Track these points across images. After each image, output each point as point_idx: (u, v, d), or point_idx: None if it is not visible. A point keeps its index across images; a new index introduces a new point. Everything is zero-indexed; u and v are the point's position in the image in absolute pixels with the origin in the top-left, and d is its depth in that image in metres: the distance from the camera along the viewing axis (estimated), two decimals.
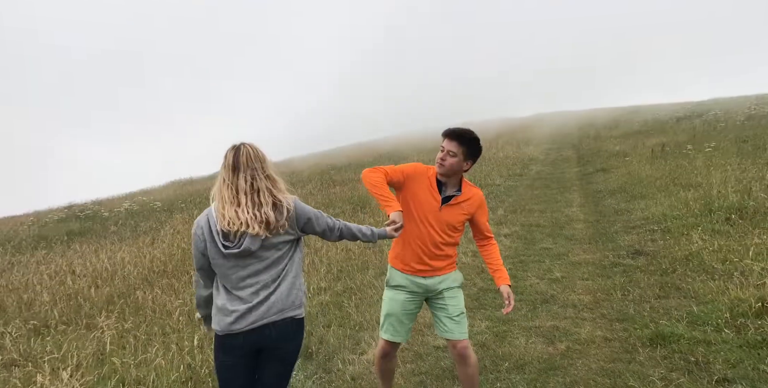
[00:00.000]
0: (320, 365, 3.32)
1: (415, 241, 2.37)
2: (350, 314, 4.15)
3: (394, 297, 2.47)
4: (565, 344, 3.35)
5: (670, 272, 4.50)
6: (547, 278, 4.72)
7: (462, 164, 2.33)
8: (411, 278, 2.43)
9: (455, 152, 2.29)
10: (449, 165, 2.31)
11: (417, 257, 2.39)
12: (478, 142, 2.34)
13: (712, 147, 11.27)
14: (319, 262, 5.84)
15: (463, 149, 2.30)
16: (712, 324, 3.34)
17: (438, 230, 2.36)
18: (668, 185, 8.24)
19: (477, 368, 2.47)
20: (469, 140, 2.31)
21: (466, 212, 2.41)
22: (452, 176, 2.37)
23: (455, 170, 2.34)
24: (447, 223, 2.37)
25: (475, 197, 2.43)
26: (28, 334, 4.49)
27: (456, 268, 2.53)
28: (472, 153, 2.34)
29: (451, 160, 2.30)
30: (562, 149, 17.75)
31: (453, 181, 2.40)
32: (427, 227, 2.35)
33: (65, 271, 6.76)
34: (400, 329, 2.48)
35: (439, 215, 2.35)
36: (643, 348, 3.18)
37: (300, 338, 2.03)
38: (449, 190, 2.39)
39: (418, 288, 2.44)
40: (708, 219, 5.90)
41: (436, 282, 2.43)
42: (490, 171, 12.67)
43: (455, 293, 2.48)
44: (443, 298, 2.45)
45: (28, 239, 10.58)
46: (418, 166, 2.42)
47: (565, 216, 7.38)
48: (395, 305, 2.46)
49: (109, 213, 12.53)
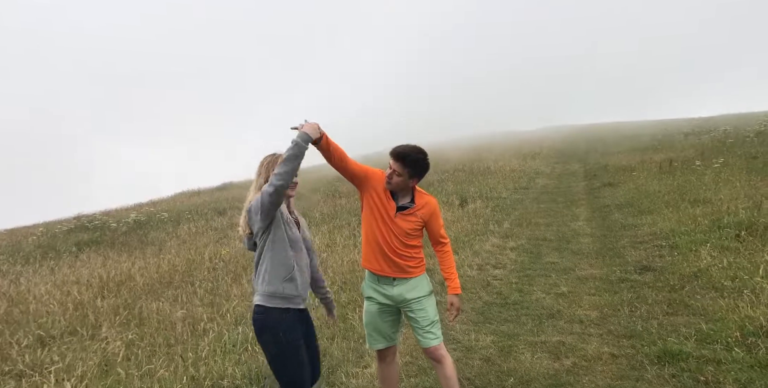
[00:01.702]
0: (324, 378, 3.30)
1: (376, 238, 2.49)
2: (354, 327, 4.13)
3: (367, 308, 2.61)
4: (572, 360, 3.31)
5: (678, 289, 4.45)
6: (554, 293, 4.68)
7: (407, 182, 2.45)
8: (378, 286, 2.54)
9: (400, 172, 2.40)
10: (395, 183, 2.44)
11: (382, 253, 2.49)
12: (422, 162, 2.44)
13: (721, 163, 11.20)
14: (323, 273, 5.83)
15: (408, 170, 2.40)
16: (721, 343, 3.29)
17: (395, 233, 2.48)
18: (676, 201, 8.19)
19: (453, 369, 2.56)
20: (413, 161, 2.40)
21: (419, 220, 2.50)
22: (402, 191, 2.50)
23: (401, 187, 2.47)
24: (401, 229, 2.48)
25: (427, 206, 2.52)
26: (35, 344, 4.51)
27: (423, 272, 2.61)
28: (417, 172, 2.44)
29: (397, 179, 2.42)
30: (568, 163, 17.72)
31: (404, 193, 2.51)
32: (386, 226, 2.47)
33: (72, 281, 6.80)
34: (377, 337, 2.60)
35: (394, 221, 2.47)
36: (651, 366, 3.13)
37: (254, 324, 2.25)
38: (401, 200, 2.50)
39: (386, 299, 2.54)
40: (717, 235, 5.84)
41: (403, 291, 2.52)
42: (496, 184, 12.66)
43: (423, 304, 2.56)
44: (412, 310, 2.55)
45: (37, 249, 10.68)
46: (379, 171, 2.53)
47: (572, 230, 7.33)
48: (368, 316, 2.60)
49: (117, 224, 12.63)
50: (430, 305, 2.59)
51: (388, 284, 2.53)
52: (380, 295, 2.55)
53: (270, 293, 2.21)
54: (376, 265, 2.53)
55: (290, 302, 2.23)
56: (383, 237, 2.48)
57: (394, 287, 2.52)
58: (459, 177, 14.42)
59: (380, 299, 2.56)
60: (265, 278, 2.21)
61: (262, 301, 2.23)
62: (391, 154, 2.43)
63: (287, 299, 2.22)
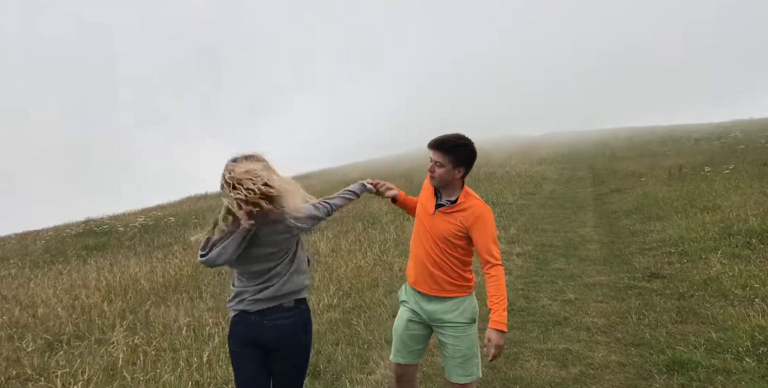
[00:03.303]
0: (328, 385, 3.29)
1: (417, 249, 2.32)
2: (359, 332, 4.12)
3: (400, 314, 2.40)
4: (579, 368, 3.27)
5: (687, 297, 4.39)
6: (560, 300, 4.63)
7: (453, 173, 2.21)
8: (415, 295, 2.33)
9: (441, 162, 2.19)
10: (438, 176, 2.22)
11: (418, 261, 2.30)
12: (465, 148, 2.20)
13: (731, 169, 11.09)
14: (328, 279, 5.83)
15: (450, 158, 2.18)
16: (732, 352, 3.24)
17: (432, 234, 2.25)
18: (685, 207, 8.10)
19: None
20: (452, 148, 2.18)
21: (459, 224, 2.20)
22: (447, 186, 2.27)
23: (446, 180, 2.23)
24: (438, 232, 2.23)
25: (472, 209, 2.21)
26: (42, 348, 4.54)
27: (470, 294, 2.31)
28: (462, 161, 2.20)
29: (440, 170, 2.21)
30: (576, 169, 17.62)
31: (450, 191, 2.29)
32: (422, 227, 2.31)
33: (79, 285, 6.84)
34: (402, 350, 2.33)
35: (431, 219, 2.26)
36: (660, 375, 3.08)
37: (303, 321, 2.16)
38: (444, 198, 2.30)
39: (420, 311, 2.31)
40: (727, 243, 5.77)
41: (439, 310, 2.26)
42: (503, 189, 12.61)
43: (460, 332, 2.24)
44: (444, 335, 2.26)
45: (46, 253, 10.78)
46: (426, 180, 2.39)
47: (579, 236, 7.28)
48: (399, 322, 2.38)
49: (124, 228, 12.72)
50: (468, 336, 2.25)
51: (424, 299, 2.29)
52: (415, 303, 2.32)
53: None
54: (411, 274, 2.33)
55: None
56: (419, 240, 2.28)
57: (430, 303, 2.27)
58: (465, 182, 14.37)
59: (413, 307, 2.32)
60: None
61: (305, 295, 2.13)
62: (429, 145, 2.22)
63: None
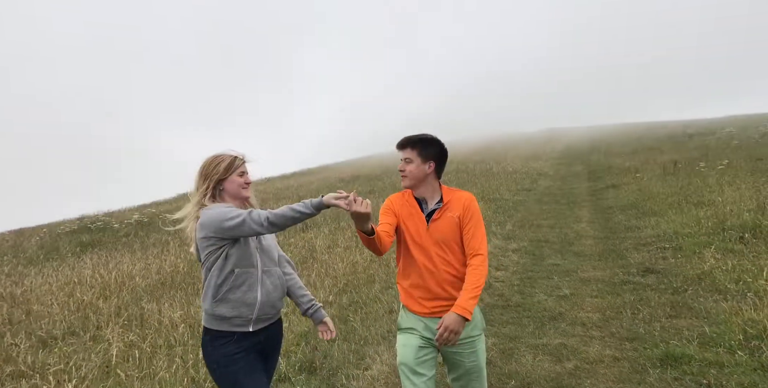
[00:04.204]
0: (324, 380, 3.29)
1: (420, 273, 2.09)
2: (355, 329, 4.12)
3: (405, 342, 2.10)
4: (573, 363, 3.28)
5: (681, 291, 4.42)
6: (555, 295, 4.65)
7: (423, 168, 2.09)
8: (426, 320, 2.09)
9: (410, 158, 2.09)
10: (410, 172, 2.10)
11: (426, 290, 2.08)
12: (432, 142, 2.12)
13: (726, 164, 11.15)
14: (325, 275, 5.83)
15: (417, 151, 2.08)
16: (724, 346, 3.26)
17: (440, 251, 2.07)
18: (680, 202, 8.14)
19: None
20: (417, 142, 2.10)
21: (456, 218, 2.09)
22: (422, 185, 2.13)
23: (419, 177, 2.10)
24: (443, 240, 2.08)
25: (460, 200, 2.12)
26: (36, 345, 4.52)
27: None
28: (429, 153, 2.10)
29: (410, 166, 2.09)
30: (572, 164, 17.67)
31: (429, 192, 2.14)
32: (426, 253, 2.08)
33: (74, 282, 6.81)
34: (417, 383, 2.02)
35: (428, 235, 2.08)
36: (654, 369, 3.10)
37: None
38: (430, 204, 2.13)
39: (432, 334, 2.07)
40: (721, 237, 5.80)
41: None
42: (499, 185, 12.63)
43: (475, 345, 2.11)
44: (461, 353, 2.10)
45: (40, 250, 10.72)
46: (391, 197, 2.21)
47: (575, 232, 7.30)
48: (407, 352, 2.07)
49: (119, 225, 12.66)
50: (482, 349, 2.15)
51: (437, 321, 2.05)
52: (427, 328, 2.08)
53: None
54: (418, 305, 2.10)
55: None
56: (426, 267, 2.06)
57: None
58: (462, 178, 14.40)
59: (425, 333, 2.08)
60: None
61: (203, 322, 2.06)
62: (396, 146, 2.14)
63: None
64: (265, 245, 2.09)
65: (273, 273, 2.09)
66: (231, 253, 1.96)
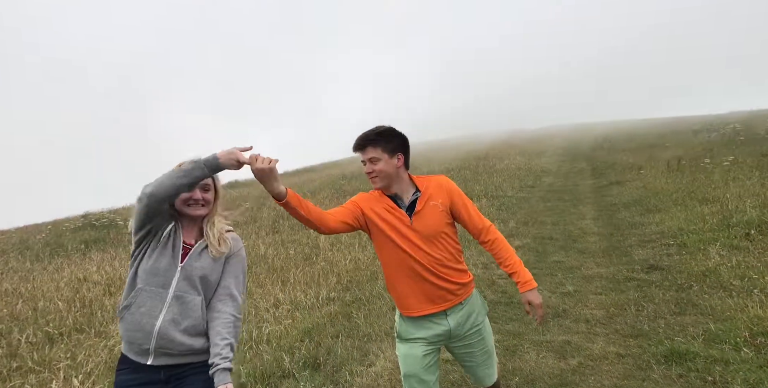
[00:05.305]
0: (328, 377, 3.31)
1: (405, 268, 1.96)
2: (359, 325, 4.13)
3: (409, 352, 2.00)
4: (577, 360, 3.28)
5: (686, 288, 4.40)
6: (559, 292, 4.65)
7: (392, 163, 1.94)
8: (426, 321, 2.00)
9: (376, 156, 1.93)
10: (380, 171, 1.94)
11: (419, 288, 1.96)
12: (391, 132, 1.96)
13: (731, 161, 11.08)
14: (329, 272, 5.84)
15: (381, 147, 1.93)
16: (730, 343, 3.25)
17: (431, 244, 1.96)
18: (684, 199, 8.11)
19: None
20: (377, 137, 1.94)
21: (440, 205, 1.98)
22: (395, 182, 1.99)
23: (391, 174, 1.95)
24: (431, 235, 1.95)
25: (437, 187, 2.01)
26: (43, 341, 4.55)
27: (474, 287, 2.13)
28: (394, 145, 1.95)
29: (378, 165, 1.93)
30: (575, 161, 17.61)
31: (403, 187, 2.00)
32: (413, 253, 1.94)
33: (80, 279, 6.86)
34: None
35: (413, 231, 1.94)
36: (658, 366, 3.10)
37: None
38: (407, 198, 1.99)
39: (438, 338, 2.01)
40: (726, 234, 5.78)
41: (460, 321, 2.02)
42: (502, 182, 12.61)
43: (482, 332, 2.07)
44: (470, 344, 2.06)
45: (46, 247, 10.78)
46: (362, 193, 2.07)
47: (578, 229, 7.28)
48: (413, 362, 1.97)
49: (124, 221, 12.72)
50: (488, 332, 2.11)
51: (441, 318, 2.01)
52: (428, 331, 1.99)
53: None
54: (417, 308, 1.98)
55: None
56: (407, 265, 1.94)
57: (448, 318, 2.00)
58: (465, 175, 14.38)
59: (430, 338, 1.99)
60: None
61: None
62: (354, 149, 1.98)
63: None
64: (190, 267, 1.72)
65: (189, 302, 1.71)
66: (142, 263, 1.69)
